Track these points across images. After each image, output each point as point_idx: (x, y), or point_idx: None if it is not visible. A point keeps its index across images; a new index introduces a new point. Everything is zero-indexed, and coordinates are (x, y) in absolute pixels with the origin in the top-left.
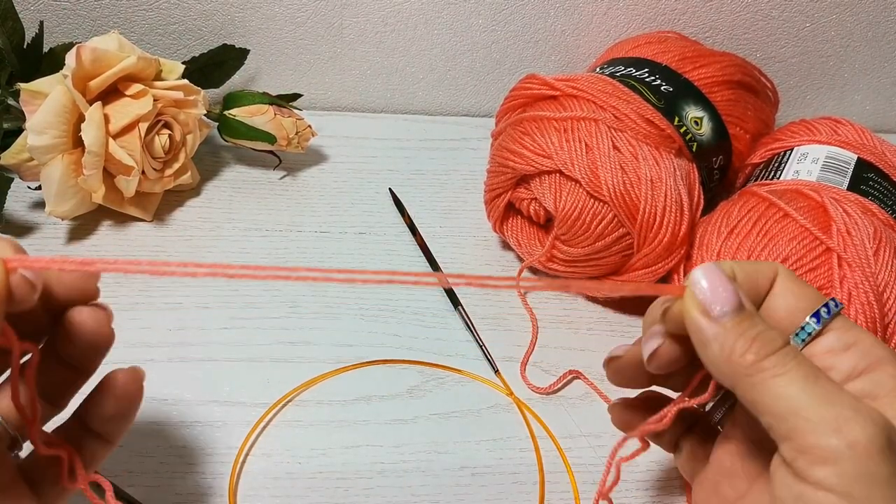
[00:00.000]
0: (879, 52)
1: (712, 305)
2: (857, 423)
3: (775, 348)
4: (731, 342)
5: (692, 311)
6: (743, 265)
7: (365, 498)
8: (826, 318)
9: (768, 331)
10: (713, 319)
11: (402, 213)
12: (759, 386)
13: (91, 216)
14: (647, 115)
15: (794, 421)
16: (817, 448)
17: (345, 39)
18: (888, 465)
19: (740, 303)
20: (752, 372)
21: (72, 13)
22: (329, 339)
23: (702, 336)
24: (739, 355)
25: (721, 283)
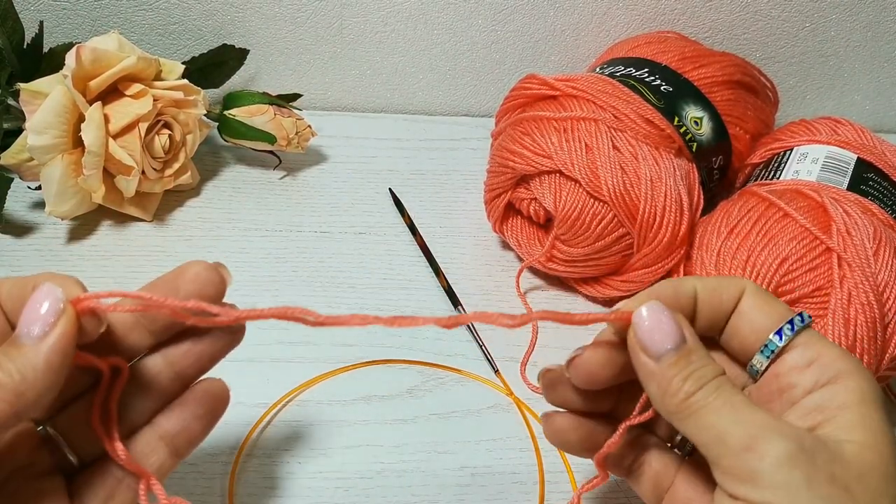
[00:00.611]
0: (879, 52)
1: (652, 345)
2: (766, 440)
3: (703, 383)
4: (668, 381)
5: (634, 347)
6: (707, 282)
7: (365, 498)
8: (790, 334)
9: (702, 367)
10: (653, 358)
11: (402, 213)
12: (689, 420)
13: (91, 216)
14: (646, 115)
15: (717, 447)
16: (736, 468)
17: (345, 39)
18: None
19: (680, 341)
20: (682, 408)
21: (72, 13)
22: (329, 339)
23: (643, 374)
24: (672, 394)
25: (662, 323)
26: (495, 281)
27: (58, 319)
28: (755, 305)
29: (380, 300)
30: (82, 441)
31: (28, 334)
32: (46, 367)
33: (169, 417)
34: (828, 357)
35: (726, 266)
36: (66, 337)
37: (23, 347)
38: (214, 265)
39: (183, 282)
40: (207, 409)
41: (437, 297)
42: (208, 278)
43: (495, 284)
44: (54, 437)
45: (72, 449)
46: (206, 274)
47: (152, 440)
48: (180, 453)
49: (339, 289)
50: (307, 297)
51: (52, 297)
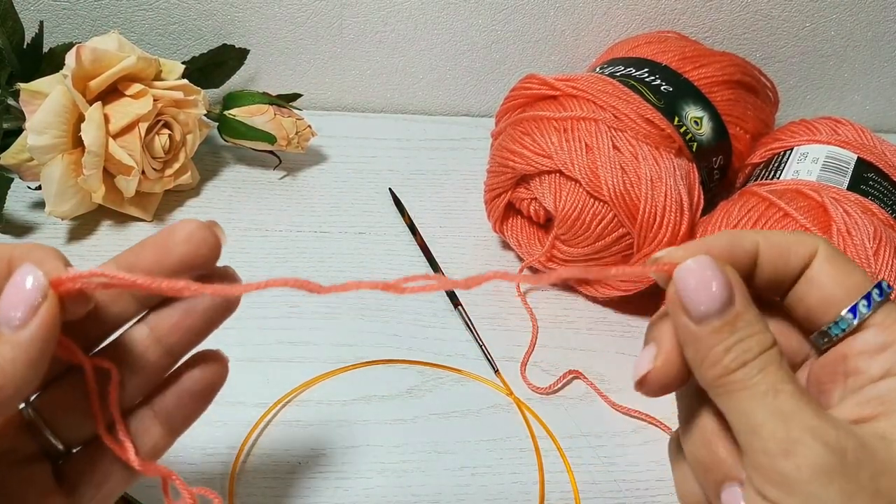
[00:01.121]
0: (879, 52)
1: (695, 306)
2: (806, 446)
3: (747, 360)
4: (706, 350)
5: (675, 305)
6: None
7: (365, 498)
8: (865, 312)
9: (749, 337)
10: (694, 320)
11: (402, 213)
12: (726, 397)
13: (91, 216)
14: (647, 115)
15: (751, 438)
16: (769, 469)
17: (345, 39)
18: (839, 487)
19: (727, 303)
20: (720, 384)
21: (72, 13)
22: (329, 339)
23: (681, 335)
24: (711, 365)
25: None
26: (495, 281)
27: (39, 306)
28: (828, 271)
29: (380, 300)
30: (68, 424)
31: (6, 322)
32: (26, 359)
33: (163, 395)
34: None
35: None
36: (48, 325)
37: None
38: (208, 223)
39: (174, 243)
40: (204, 384)
41: (437, 296)
42: (202, 238)
43: (495, 284)
44: (35, 421)
45: (56, 433)
46: (199, 233)
47: (146, 419)
48: (176, 431)
49: None
50: (307, 297)
51: (33, 279)
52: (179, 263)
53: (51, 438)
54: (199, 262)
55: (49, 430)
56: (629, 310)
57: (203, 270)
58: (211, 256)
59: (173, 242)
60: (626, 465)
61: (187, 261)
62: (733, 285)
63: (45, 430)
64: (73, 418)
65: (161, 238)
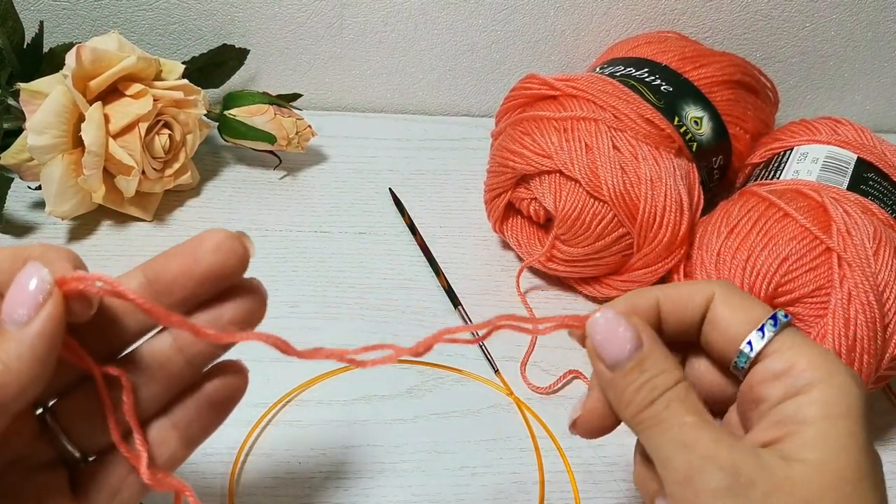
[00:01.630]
0: (879, 52)
1: (607, 354)
2: (703, 472)
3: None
4: (621, 392)
5: (591, 355)
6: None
7: (365, 498)
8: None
9: (656, 376)
10: (608, 366)
11: (402, 213)
12: (642, 435)
13: (91, 216)
14: (646, 115)
15: (663, 471)
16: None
17: (345, 39)
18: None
19: (634, 348)
20: (636, 422)
21: (72, 13)
22: (329, 339)
23: (601, 381)
24: (626, 406)
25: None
26: (495, 281)
27: (44, 302)
28: (725, 312)
29: (380, 300)
30: (85, 432)
31: (11, 319)
32: (31, 356)
33: (182, 406)
34: (800, 365)
35: (726, 266)
36: (52, 321)
37: (5, 333)
38: (237, 234)
39: (203, 251)
40: (224, 395)
41: (437, 296)
42: (231, 248)
43: (495, 284)
44: (52, 427)
45: (73, 440)
46: (228, 243)
47: (164, 429)
48: (193, 443)
49: (339, 288)
50: (307, 297)
51: (38, 277)
52: (207, 273)
53: (67, 446)
54: (227, 272)
55: (65, 437)
56: None
57: (230, 281)
58: (239, 267)
59: (202, 252)
60: (626, 465)
61: (215, 271)
62: (640, 330)
63: (61, 436)
64: (90, 426)
65: (189, 247)
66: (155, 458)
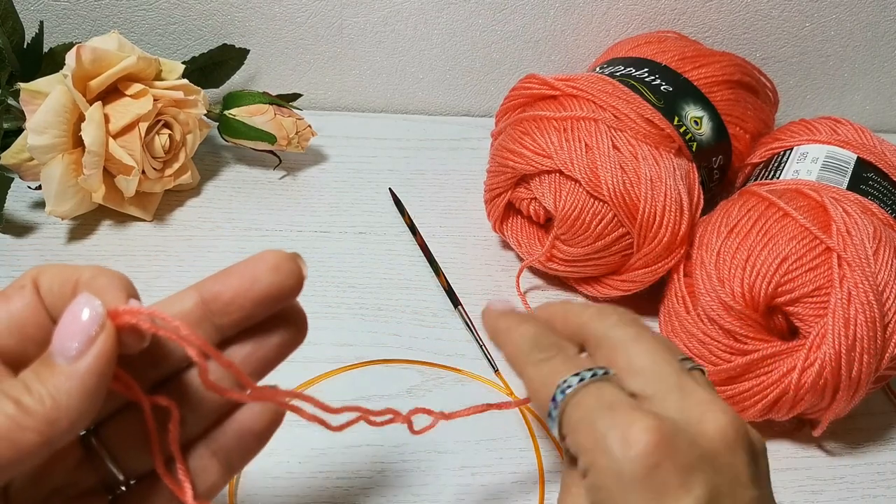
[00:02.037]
0: (879, 52)
1: None
2: None
3: None
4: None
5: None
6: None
7: (365, 498)
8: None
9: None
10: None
11: (402, 213)
12: None
13: (91, 216)
14: (646, 115)
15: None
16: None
17: (345, 39)
18: None
19: None
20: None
21: (72, 13)
22: (329, 339)
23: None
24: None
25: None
26: (495, 281)
27: (95, 337)
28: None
29: (380, 300)
30: (128, 456)
31: (62, 353)
32: (82, 392)
33: (222, 432)
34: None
35: (726, 266)
36: (104, 357)
37: (55, 368)
38: (293, 255)
39: (263, 272)
40: (265, 423)
41: (437, 296)
42: (290, 269)
43: (495, 284)
44: (98, 450)
45: (117, 463)
46: (287, 265)
47: (205, 457)
48: (234, 469)
49: (339, 289)
50: (307, 297)
51: (91, 310)
52: (266, 294)
53: (112, 469)
54: (285, 293)
55: (112, 461)
56: (629, 309)
57: (286, 303)
58: (296, 289)
59: (261, 271)
60: None
61: (274, 292)
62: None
63: (107, 459)
64: (134, 450)
65: (248, 267)
66: (195, 486)
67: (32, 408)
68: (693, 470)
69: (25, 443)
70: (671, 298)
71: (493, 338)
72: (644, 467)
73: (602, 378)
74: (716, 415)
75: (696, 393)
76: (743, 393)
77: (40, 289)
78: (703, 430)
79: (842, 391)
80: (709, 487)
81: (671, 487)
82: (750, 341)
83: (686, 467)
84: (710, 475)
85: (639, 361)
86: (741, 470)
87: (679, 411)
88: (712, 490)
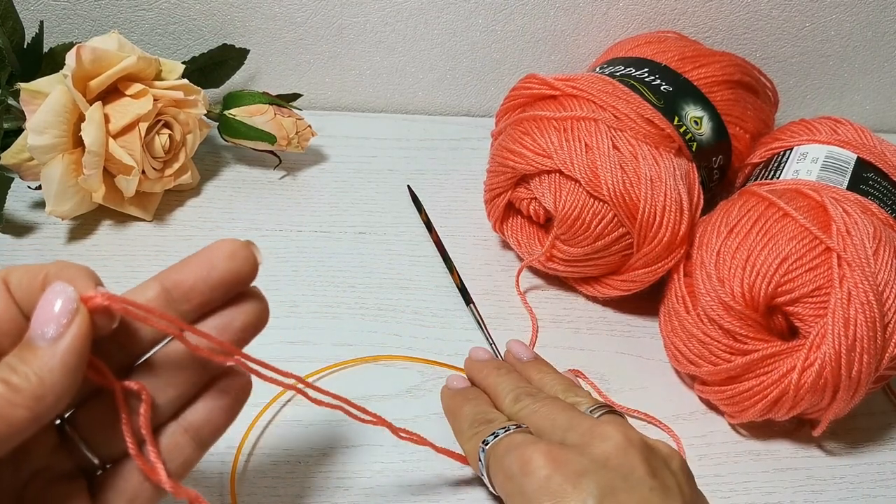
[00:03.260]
0: (879, 52)
1: None
2: None
3: None
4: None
5: None
6: None
7: (365, 498)
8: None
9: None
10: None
11: (419, 211)
12: None
13: (91, 216)
14: (646, 115)
15: None
16: None
17: (345, 39)
18: None
19: None
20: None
21: (72, 13)
22: (329, 338)
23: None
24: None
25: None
26: (495, 281)
27: (72, 319)
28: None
29: (379, 300)
30: (102, 441)
31: (42, 336)
32: (63, 369)
33: (193, 409)
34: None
35: (726, 266)
36: (81, 337)
37: (38, 350)
38: (247, 243)
39: (220, 259)
40: (232, 398)
41: (437, 296)
42: (245, 256)
43: (495, 284)
44: (71, 436)
45: (92, 448)
46: (242, 252)
47: (177, 434)
48: (205, 445)
49: (339, 288)
50: (307, 297)
51: (65, 295)
52: (222, 280)
53: (87, 454)
54: (241, 279)
55: (86, 446)
56: (629, 309)
57: (242, 287)
58: (252, 274)
59: (217, 259)
60: None
61: (230, 278)
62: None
63: (81, 445)
64: (107, 435)
65: (204, 256)
66: (169, 465)
67: (20, 385)
68: (583, 474)
69: (16, 419)
70: (671, 298)
71: (447, 416)
72: (539, 479)
73: (515, 431)
74: (603, 429)
75: (586, 422)
76: (743, 393)
77: (10, 286)
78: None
79: (842, 391)
80: (600, 484)
81: (566, 491)
82: (750, 341)
83: (575, 473)
84: (600, 475)
85: (538, 424)
86: (636, 465)
87: (579, 437)
88: (605, 487)
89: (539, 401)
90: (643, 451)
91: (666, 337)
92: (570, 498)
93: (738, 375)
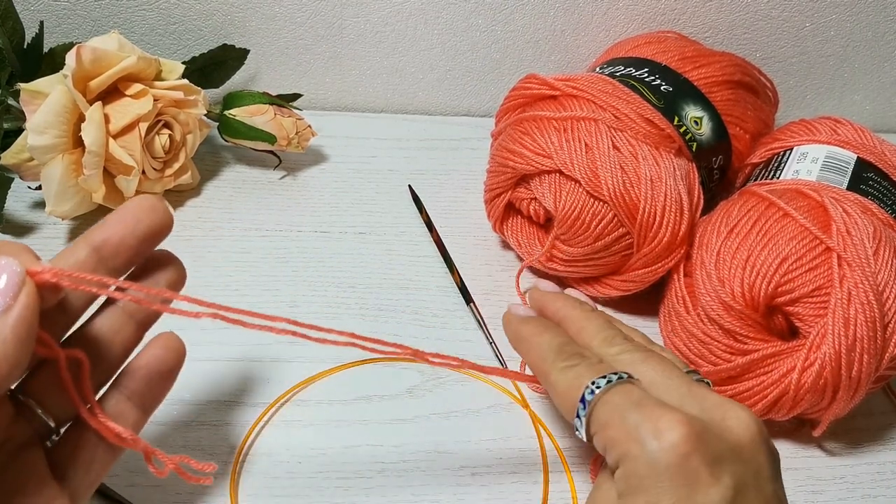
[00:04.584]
0: (879, 52)
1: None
2: None
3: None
4: None
5: None
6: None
7: (365, 498)
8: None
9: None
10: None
11: (420, 210)
12: None
13: (91, 216)
14: (646, 115)
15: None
16: None
17: (345, 39)
18: None
19: None
20: None
21: (72, 13)
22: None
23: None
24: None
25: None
26: (495, 281)
27: (19, 291)
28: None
29: (380, 300)
30: (53, 404)
31: None
32: (16, 340)
33: (132, 378)
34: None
35: (726, 266)
36: (30, 308)
37: None
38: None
39: (144, 212)
40: (167, 364)
41: (437, 296)
42: (163, 209)
43: (495, 284)
44: (26, 402)
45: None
46: (160, 205)
47: (121, 401)
48: (148, 410)
49: (339, 288)
50: (307, 297)
51: (10, 270)
52: (148, 232)
53: (42, 416)
54: (163, 230)
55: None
56: (629, 309)
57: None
58: (169, 226)
59: (142, 212)
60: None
61: (154, 229)
62: None
63: (36, 408)
64: (57, 399)
65: (128, 211)
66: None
67: None
68: (722, 462)
69: None
70: (671, 298)
71: (515, 343)
72: (677, 456)
73: (627, 381)
74: (738, 412)
75: (710, 396)
76: (743, 393)
77: None
78: (728, 427)
79: (842, 391)
80: (736, 479)
81: (702, 477)
82: (750, 341)
83: (715, 459)
84: (737, 467)
85: (649, 377)
86: (764, 464)
87: (700, 412)
88: (739, 481)
89: (639, 350)
90: (768, 445)
91: (666, 337)
92: (705, 486)
93: (739, 375)
